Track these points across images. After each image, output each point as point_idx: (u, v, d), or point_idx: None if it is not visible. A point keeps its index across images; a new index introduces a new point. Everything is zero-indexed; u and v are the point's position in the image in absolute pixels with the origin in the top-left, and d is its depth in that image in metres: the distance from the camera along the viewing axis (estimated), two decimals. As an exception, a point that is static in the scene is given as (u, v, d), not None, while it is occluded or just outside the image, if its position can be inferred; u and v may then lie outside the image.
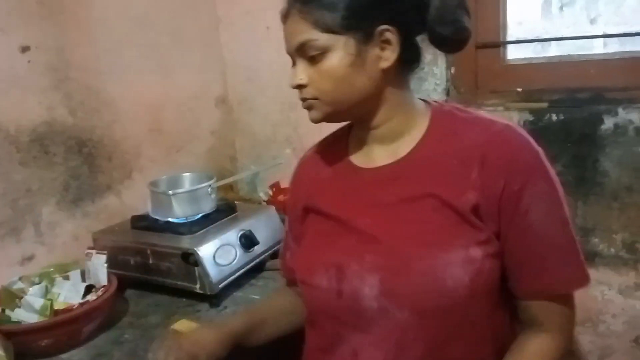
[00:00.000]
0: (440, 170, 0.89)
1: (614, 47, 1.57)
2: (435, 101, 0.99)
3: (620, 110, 1.41)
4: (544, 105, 1.52)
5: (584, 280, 0.89)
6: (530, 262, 0.87)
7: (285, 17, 0.91)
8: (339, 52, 0.86)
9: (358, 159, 1.00)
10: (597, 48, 1.61)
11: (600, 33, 1.61)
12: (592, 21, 1.64)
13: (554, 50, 1.65)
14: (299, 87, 0.91)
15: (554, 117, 1.49)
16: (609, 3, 1.60)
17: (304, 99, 0.92)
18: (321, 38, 0.85)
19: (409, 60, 0.92)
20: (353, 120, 1.00)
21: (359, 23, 0.85)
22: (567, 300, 0.90)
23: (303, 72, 0.90)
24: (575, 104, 1.49)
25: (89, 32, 1.51)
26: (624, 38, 1.56)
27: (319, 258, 0.96)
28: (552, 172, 0.89)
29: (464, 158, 0.88)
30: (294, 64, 0.92)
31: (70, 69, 1.46)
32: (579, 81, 1.51)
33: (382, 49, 0.87)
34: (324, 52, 0.86)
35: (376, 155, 0.97)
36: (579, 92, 1.50)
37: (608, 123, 1.43)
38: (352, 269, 0.90)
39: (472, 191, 0.86)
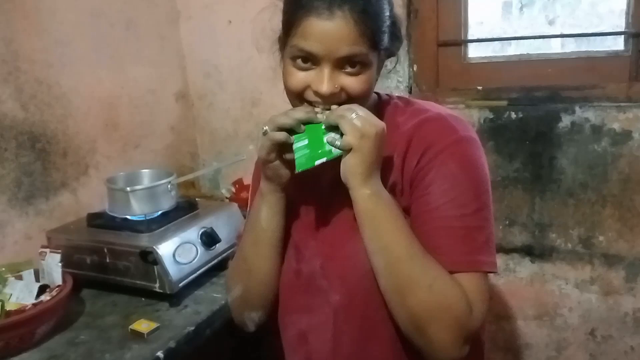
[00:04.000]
0: None
1: (570, 48, 1.62)
2: (386, 93, 1.03)
3: (577, 108, 1.45)
4: (504, 103, 1.55)
5: (476, 264, 0.86)
6: (420, 236, 0.87)
7: (325, 12, 0.82)
8: (374, 67, 0.89)
9: None
10: (555, 49, 1.65)
11: (558, 34, 1.65)
12: (550, 22, 1.67)
13: (513, 50, 1.68)
14: (330, 95, 0.87)
15: (513, 115, 1.52)
16: (565, 5, 1.64)
17: (331, 105, 0.88)
18: (369, 52, 0.85)
19: None
20: None
21: (389, 42, 0.90)
22: (476, 276, 0.86)
23: (336, 80, 0.86)
24: (533, 102, 1.52)
25: (37, 22, 1.45)
26: (579, 40, 1.60)
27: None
28: (475, 159, 0.89)
29: (394, 145, 0.91)
30: (309, 62, 0.86)
31: (19, 60, 1.40)
32: (537, 80, 1.54)
33: (381, 61, 0.93)
34: (366, 67, 0.86)
35: None
36: (536, 90, 1.54)
37: (565, 121, 1.46)
38: (309, 249, 0.98)
39: (390, 172, 0.91)
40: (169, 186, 1.43)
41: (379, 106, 0.99)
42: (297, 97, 0.91)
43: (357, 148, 0.83)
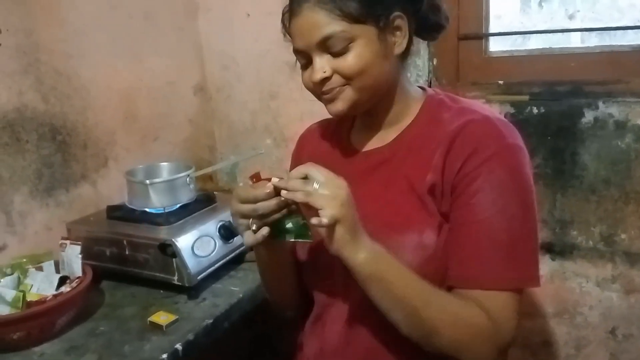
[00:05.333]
0: (415, 156, 0.92)
1: (591, 42, 1.59)
2: (434, 89, 1.01)
3: (600, 104, 1.42)
4: (525, 98, 1.52)
5: (519, 281, 0.85)
6: (464, 247, 0.85)
7: (297, 9, 0.87)
8: (363, 40, 0.86)
9: (356, 140, 1.03)
10: (575, 43, 1.62)
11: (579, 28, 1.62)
12: (570, 17, 1.65)
13: (533, 44, 1.66)
14: (323, 80, 0.88)
15: (535, 110, 1.50)
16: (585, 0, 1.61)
17: (329, 90, 0.90)
18: (347, 28, 0.85)
19: (407, 47, 0.93)
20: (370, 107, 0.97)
21: (377, 10, 0.86)
22: (507, 295, 0.84)
23: (325, 65, 0.87)
24: (555, 97, 1.50)
25: (57, 13, 1.45)
26: (600, 35, 1.57)
27: None
28: (523, 169, 0.87)
29: (437, 143, 0.89)
30: (307, 60, 0.90)
31: (39, 52, 1.41)
32: (560, 74, 1.51)
33: (395, 35, 0.89)
34: (349, 42, 0.86)
35: (370, 139, 1.00)
36: (559, 85, 1.51)
37: (588, 116, 1.44)
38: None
39: (432, 173, 0.88)
40: (187, 179, 1.44)
41: (425, 100, 0.98)
42: (314, 94, 0.94)
43: (341, 218, 0.78)
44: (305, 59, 0.91)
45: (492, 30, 1.62)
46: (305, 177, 0.80)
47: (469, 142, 0.86)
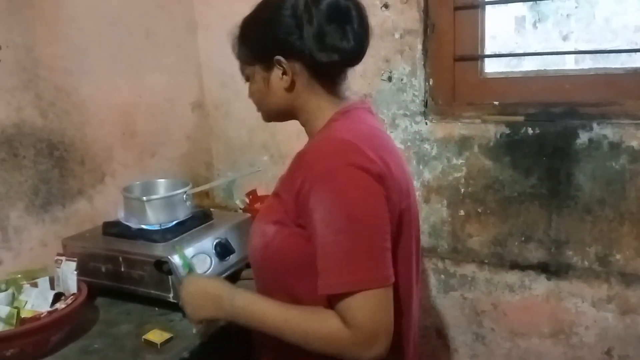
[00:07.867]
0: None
1: (585, 63, 1.61)
2: (355, 105, 1.07)
3: (594, 125, 1.43)
4: (520, 118, 1.54)
5: (357, 284, 0.89)
6: (317, 260, 0.94)
7: None
8: (255, 78, 1.07)
9: None
10: (569, 64, 1.64)
11: (572, 49, 1.64)
12: (565, 38, 1.67)
13: (527, 65, 1.67)
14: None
15: (530, 131, 1.51)
16: (579, 21, 1.63)
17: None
18: (242, 68, 1.10)
19: (321, 72, 1.03)
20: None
21: (259, 56, 1.04)
22: (360, 297, 0.88)
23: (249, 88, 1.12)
24: (550, 118, 1.51)
25: (58, 30, 1.47)
26: (595, 56, 1.59)
27: None
28: (345, 185, 0.91)
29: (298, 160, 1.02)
30: None
31: (39, 68, 1.42)
32: (554, 96, 1.53)
33: (283, 73, 1.02)
34: (248, 78, 1.09)
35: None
36: (554, 106, 1.53)
37: (583, 138, 1.45)
38: None
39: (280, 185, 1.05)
40: (184, 196, 1.44)
41: (330, 119, 1.05)
42: None
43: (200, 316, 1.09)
44: None
45: (487, 50, 1.64)
46: None
47: (306, 164, 0.96)
